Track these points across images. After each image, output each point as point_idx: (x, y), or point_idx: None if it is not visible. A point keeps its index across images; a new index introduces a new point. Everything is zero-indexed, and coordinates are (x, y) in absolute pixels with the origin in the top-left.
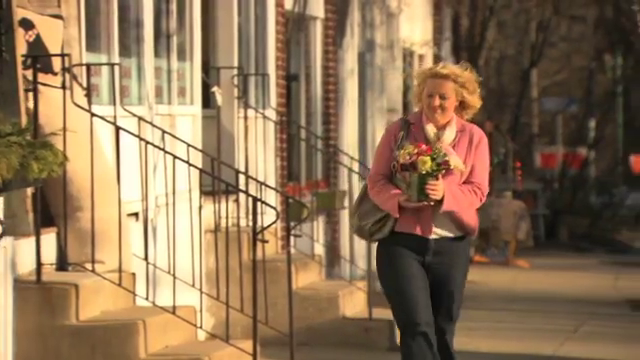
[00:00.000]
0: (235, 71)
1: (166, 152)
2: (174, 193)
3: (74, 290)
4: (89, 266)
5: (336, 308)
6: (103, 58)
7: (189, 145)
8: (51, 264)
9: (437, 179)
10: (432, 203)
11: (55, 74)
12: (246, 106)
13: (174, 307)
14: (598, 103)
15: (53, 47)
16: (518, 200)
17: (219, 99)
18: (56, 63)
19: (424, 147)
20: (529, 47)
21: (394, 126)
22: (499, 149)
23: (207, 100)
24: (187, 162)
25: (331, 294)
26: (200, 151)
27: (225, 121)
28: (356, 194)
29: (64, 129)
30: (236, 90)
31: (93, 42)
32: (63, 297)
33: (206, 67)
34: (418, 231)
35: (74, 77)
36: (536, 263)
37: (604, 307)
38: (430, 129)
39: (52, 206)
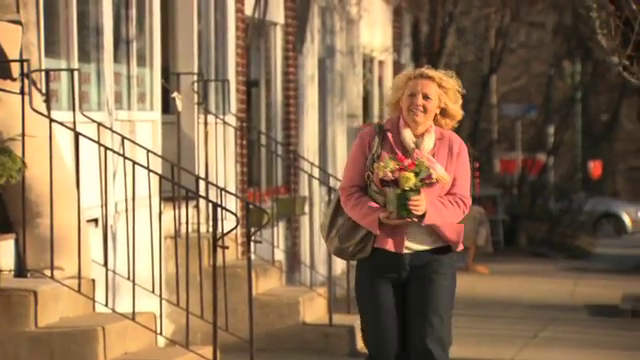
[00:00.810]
0: (195, 77)
1: (126, 158)
2: (134, 199)
3: (33, 296)
4: (48, 272)
5: (296, 314)
6: (62, 64)
7: (149, 151)
8: (10, 270)
9: (419, 193)
10: (415, 219)
11: (14, 80)
12: (206, 112)
13: (134, 313)
14: (557, 109)
15: (11, 52)
16: (477, 206)
17: (179, 105)
18: (14, 69)
19: (406, 162)
20: (488, 53)
21: (367, 132)
22: None
23: (167, 106)
24: (147, 168)
25: (291, 300)
26: (160, 157)
27: (185, 127)
28: (316, 200)
29: (23, 135)
30: (196, 96)
31: (52, 47)
32: (22, 303)
33: (166, 73)
34: (390, 247)
35: (33, 83)
36: (495, 269)
37: (563, 312)
38: (408, 136)
39: (11, 212)
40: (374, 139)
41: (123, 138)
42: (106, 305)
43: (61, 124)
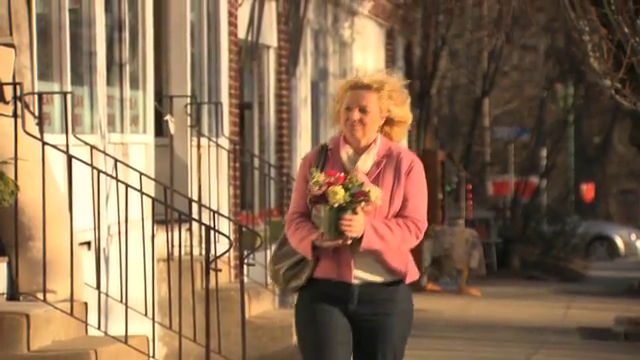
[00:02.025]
0: (188, 99)
1: (119, 181)
2: (127, 222)
3: (25, 320)
4: (40, 295)
5: (289, 337)
6: (55, 87)
7: (142, 174)
8: (2, 294)
9: (355, 213)
10: (349, 241)
11: (6, 103)
12: (199, 134)
13: (126, 336)
14: (549, 132)
15: (4, 75)
16: (470, 228)
17: (172, 127)
18: (7, 92)
19: (337, 175)
20: (481, 76)
21: (310, 154)
22: (452, 178)
23: (160, 128)
24: (140, 191)
25: (284, 323)
26: (153, 180)
27: (178, 150)
28: None
29: (15, 158)
30: (189, 118)
31: (45, 70)
32: (14, 327)
33: (159, 95)
34: (335, 276)
35: (26, 106)
36: (488, 291)
37: (556, 335)
38: (344, 154)
39: (3, 235)
40: (316, 161)
41: (116, 161)
42: (99, 328)
43: (54, 147)
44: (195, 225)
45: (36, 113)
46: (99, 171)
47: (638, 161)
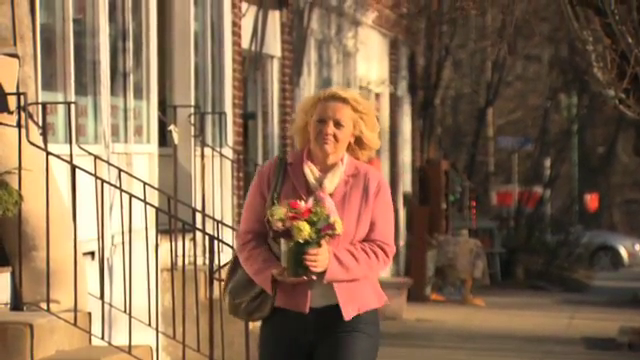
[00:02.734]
0: (192, 109)
1: (122, 191)
2: (130, 232)
3: (29, 330)
4: (44, 305)
5: None
6: (59, 97)
7: (145, 183)
8: (5, 304)
9: (319, 246)
10: (314, 277)
11: (10, 113)
12: (203, 144)
13: (130, 346)
14: (553, 142)
15: (8, 86)
16: (474, 238)
17: (176, 137)
18: (11, 102)
19: (301, 207)
20: (485, 86)
21: (267, 167)
22: (455, 188)
23: (164, 138)
24: (144, 200)
25: None
26: (157, 189)
27: (182, 159)
28: None
29: (19, 168)
30: (193, 128)
31: (49, 81)
32: (18, 337)
33: (163, 105)
34: (292, 306)
35: (30, 116)
36: (492, 301)
37: (560, 345)
38: (309, 173)
39: (7, 245)
40: (274, 175)
41: (120, 171)
42: (102, 338)
43: (58, 157)
44: (199, 235)
45: (40, 123)
46: (103, 181)
47: None
